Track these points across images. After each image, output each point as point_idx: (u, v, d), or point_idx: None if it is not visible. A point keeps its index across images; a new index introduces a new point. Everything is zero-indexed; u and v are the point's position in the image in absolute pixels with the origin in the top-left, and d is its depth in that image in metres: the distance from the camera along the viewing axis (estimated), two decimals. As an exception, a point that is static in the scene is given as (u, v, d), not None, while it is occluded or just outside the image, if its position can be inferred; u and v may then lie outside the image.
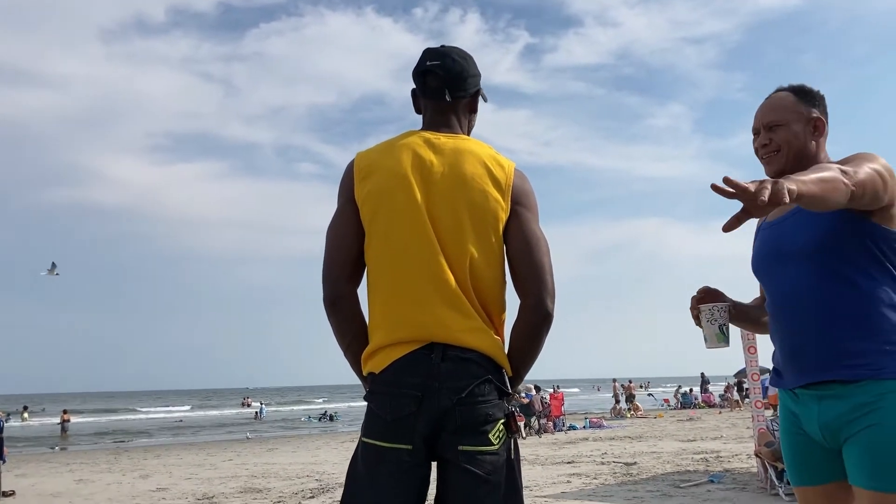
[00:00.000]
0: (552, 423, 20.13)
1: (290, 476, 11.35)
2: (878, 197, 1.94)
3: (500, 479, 1.86)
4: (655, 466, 10.36)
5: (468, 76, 2.11)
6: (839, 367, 1.99)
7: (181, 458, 15.93)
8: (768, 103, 2.24)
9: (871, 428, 1.93)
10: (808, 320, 2.07)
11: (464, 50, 2.16)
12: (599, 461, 11.46)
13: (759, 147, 2.23)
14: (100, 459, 16.60)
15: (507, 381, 1.95)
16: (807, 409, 2.10)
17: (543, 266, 1.99)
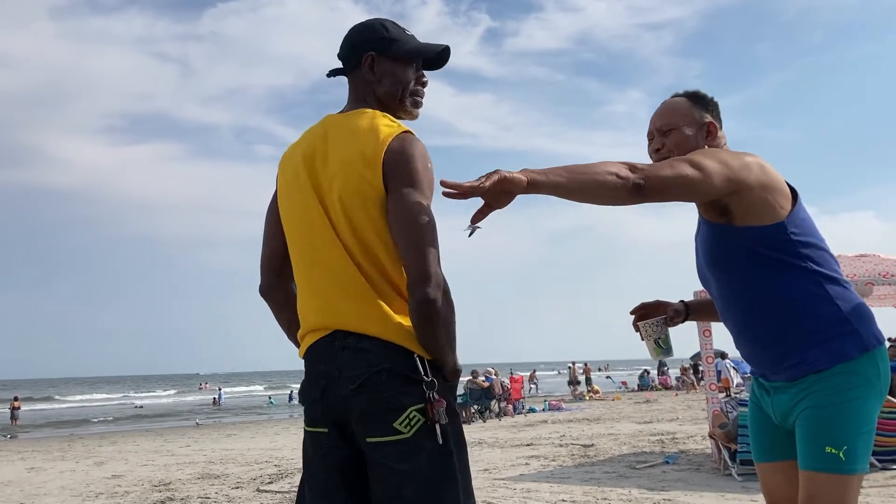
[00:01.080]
0: (512, 406, 20.28)
1: (249, 462, 11.26)
2: (696, 188, 1.96)
3: (418, 467, 1.81)
4: (612, 448, 10.50)
5: (353, 44, 2.12)
6: (783, 369, 2.13)
7: (137, 445, 15.72)
8: (662, 108, 2.30)
9: (805, 411, 2.07)
10: (741, 329, 2.21)
11: (367, 21, 2.16)
12: (558, 443, 11.58)
13: (652, 151, 2.27)
14: (52, 447, 16.29)
15: (425, 365, 1.86)
16: (766, 395, 2.24)
17: (417, 246, 1.85)
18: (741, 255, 2.09)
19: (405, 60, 2.11)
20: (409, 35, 2.15)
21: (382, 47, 2.10)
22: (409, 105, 2.13)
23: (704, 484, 7.10)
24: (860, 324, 2.07)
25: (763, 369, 2.21)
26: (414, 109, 2.16)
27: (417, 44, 2.14)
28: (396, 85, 2.10)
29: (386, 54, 2.09)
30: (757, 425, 2.31)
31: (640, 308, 2.47)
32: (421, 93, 2.16)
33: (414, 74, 2.13)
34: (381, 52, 2.10)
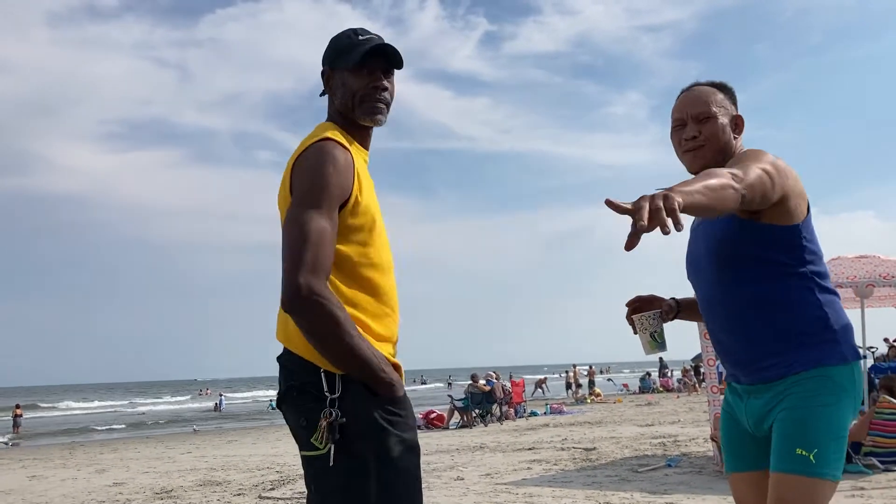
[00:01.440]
0: (514, 410, 20.27)
1: (251, 468, 11.25)
2: (767, 196, 1.96)
3: (324, 486, 1.82)
4: (614, 451, 10.49)
5: (321, 64, 2.15)
6: (759, 370, 2.11)
7: (139, 452, 15.70)
8: (695, 95, 2.21)
9: (781, 412, 2.05)
10: (723, 327, 2.18)
11: (334, 36, 2.15)
12: (560, 447, 11.57)
13: (685, 139, 2.18)
14: (54, 455, 16.27)
15: (333, 380, 1.85)
16: (739, 401, 2.22)
17: (284, 257, 1.85)
18: (751, 250, 2.07)
19: (351, 69, 2.06)
20: (364, 39, 2.07)
21: (332, 60, 2.10)
22: (361, 113, 2.06)
23: (707, 487, 7.08)
24: (843, 335, 2.08)
25: (739, 371, 2.17)
26: (370, 117, 2.07)
27: (361, 48, 2.06)
28: (346, 95, 2.07)
29: (336, 67, 2.09)
30: (729, 435, 2.28)
31: (634, 301, 2.42)
32: (374, 97, 2.06)
33: (365, 80, 2.06)
34: (332, 65, 2.10)
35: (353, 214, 1.93)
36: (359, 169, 1.98)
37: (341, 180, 1.89)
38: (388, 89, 2.09)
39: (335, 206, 1.88)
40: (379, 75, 2.07)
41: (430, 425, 18.24)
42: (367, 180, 2.04)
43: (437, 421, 18.40)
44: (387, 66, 2.09)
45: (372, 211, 1.98)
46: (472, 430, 16.67)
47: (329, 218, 1.87)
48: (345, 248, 1.92)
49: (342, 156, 1.92)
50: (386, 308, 2.01)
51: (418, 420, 18.57)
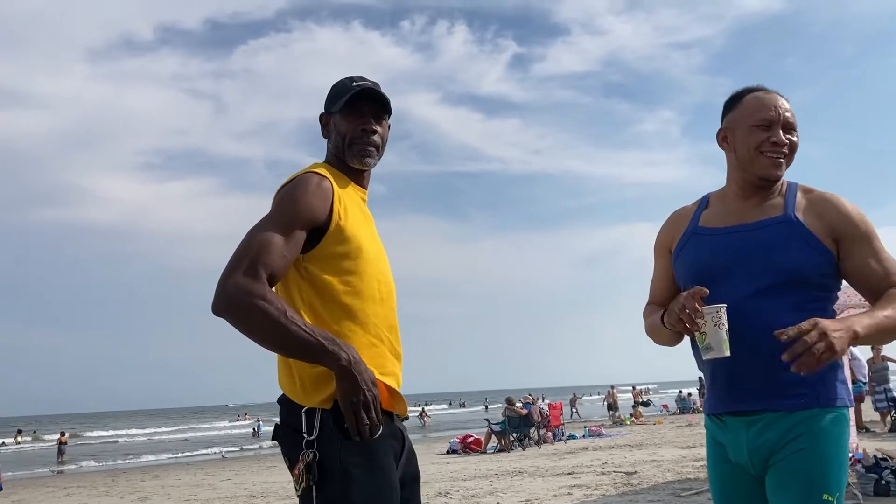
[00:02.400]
0: (552, 434, 20.08)
1: (290, 495, 11.26)
2: None
3: None
4: (656, 475, 10.33)
5: None
6: (777, 397, 1.96)
7: (179, 479, 15.82)
8: (783, 102, 2.08)
9: (801, 453, 1.92)
10: (750, 345, 1.96)
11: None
12: (600, 471, 11.43)
13: (773, 142, 2.04)
14: (97, 482, 16.47)
15: (312, 420, 1.86)
16: (734, 436, 2.05)
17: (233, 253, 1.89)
18: (815, 278, 2.00)
19: (342, 113, 2.11)
20: (356, 85, 2.11)
21: (328, 105, 2.18)
22: (350, 156, 2.11)
23: (752, 511, 6.94)
24: (846, 377, 2.09)
25: (750, 396, 1.99)
26: (359, 159, 2.12)
27: (351, 93, 2.10)
28: (338, 139, 2.13)
29: (331, 111, 2.16)
30: (721, 475, 2.13)
31: (698, 292, 1.95)
32: (363, 141, 2.11)
33: (354, 124, 2.10)
34: (328, 110, 2.18)
35: (335, 241, 1.95)
36: (346, 200, 2.02)
37: (312, 201, 1.92)
38: (378, 132, 2.13)
39: (298, 224, 1.89)
40: (368, 119, 2.11)
41: (468, 449, 18.13)
42: (358, 214, 2.07)
43: (475, 445, 18.28)
44: (377, 111, 2.13)
45: (358, 239, 1.99)
46: (509, 455, 16.54)
47: (284, 232, 1.87)
48: (328, 275, 1.94)
49: (317, 181, 1.97)
50: (372, 338, 1.99)
51: (455, 444, 18.49)
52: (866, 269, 2.01)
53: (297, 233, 1.89)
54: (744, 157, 2.07)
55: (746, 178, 2.10)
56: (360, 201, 2.13)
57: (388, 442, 1.93)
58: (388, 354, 2.04)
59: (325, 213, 1.93)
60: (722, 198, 2.19)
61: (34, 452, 33.46)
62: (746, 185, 2.10)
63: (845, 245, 2.02)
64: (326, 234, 1.94)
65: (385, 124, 2.17)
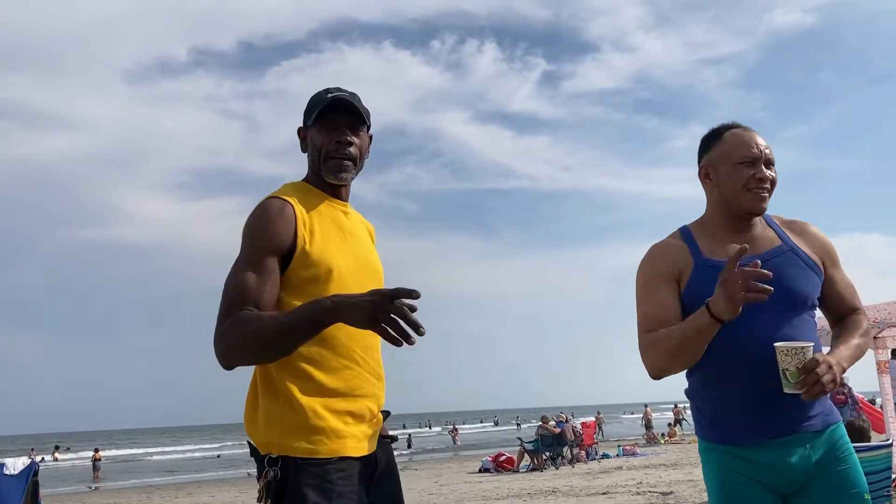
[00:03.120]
0: (585, 452, 19.87)
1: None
2: None
3: None
4: (693, 496, 10.17)
5: None
6: (809, 418, 2.09)
7: (213, 497, 15.90)
8: (763, 140, 2.20)
9: (845, 462, 2.09)
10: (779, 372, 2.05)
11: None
12: (635, 491, 11.27)
13: (758, 178, 2.14)
14: (132, 499, 16.64)
15: (259, 449, 1.89)
16: (773, 459, 2.07)
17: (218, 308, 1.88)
18: (815, 296, 2.18)
19: (316, 125, 2.04)
20: (330, 96, 2.04)
21: (305, 119, 2.11)
22: (325, 171, 2.04)
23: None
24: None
25: (782, 420, 2.06)
26: (334, 175, 2.04)
27: (324, 104, 2.03)
28: (314, 153, 2.06)
29: (307, 125, 2.09)
30: (746, 497, 2.09)
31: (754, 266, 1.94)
32: (338, 154, 2.03)
33: (328, 136, 2.03)
34: (304, 123, 2.11)
35: (301, 266, 1.91)
36: (314, 222, 1.96)
37: (274, 228, 1.89)
38: (355, 143, 2.04)
39: (265, 254, 1.87)
40: (343, 130, 2.02)
41: (500, 468, 18.00)
42: (331, 232, 2.00)
43: (507, 464, 18.15)
44: (352, 122, 2.04)
45: (327, 262, 1.93)
46: (542, 474, 16.40)
47: (255, 267, 1.85)
48: (297, 300, 1.88)
49: (277, 207, 1.92)
50: (343, 360, 1.94)
51: (488, 463, 18.37)
52: (837, 293, 2.23)
53: (267, 261, 1.86)
54: (730, 193, 2.17)
55: (733, 212, 2.19)
56: (338, 216, 2.05)
57: (353, 467, 1.90)
58: (364, 375, 1.98)
59: (289, 238, 1.90)
60: (708, 231, 2.24)
61: (70, 468, 33.87)
62: (733, 220, 2.20)
63: (826, 270, 2.22)
64: (292, 260, 1.90)
65: (363, 135, 2.08)
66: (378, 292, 1.64)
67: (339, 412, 1.90)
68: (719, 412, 2.14)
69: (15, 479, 9.41)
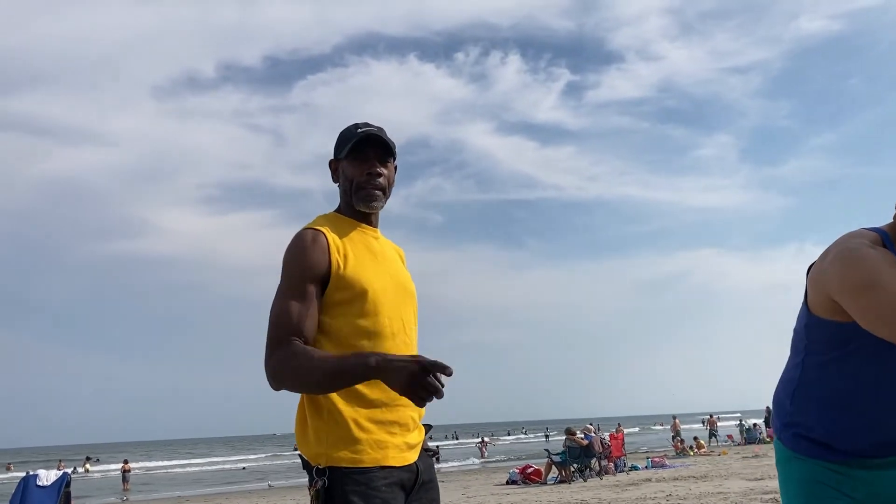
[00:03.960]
0: (613, 464, 19.70)
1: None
2: None
3: None
4: (723, 508, 10.03)
5: None
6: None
7: (241, 508, 15.98)
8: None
9: None
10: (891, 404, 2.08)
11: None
12: (664, 503, 11.15)
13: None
14: (162, 510, 16.75)
15: (310, 461, 1.98)
16: (877, 476, 2.09)
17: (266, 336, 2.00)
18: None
19: (348, 158, 2.18)
20: (360, 131, 2.18)
21: (336, 152, 2.25)
22: (357, 200, 2.17)
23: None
24: None
25: (888, 444, 2.07)
26: (366, 204, 2.18)
27: (355, 138, 2.17)
28: (345, 184, 2.20)
29: (338, 157, 2.23)
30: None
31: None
32: (370, 185, 2.16)
33: (360, 168, 2.17)
34: (336, 156, 2.25)
35: (337, 288, 2.04)
36: (347, 247, 2.10)
37: (311, 257, 2.03)
38: (384, 174, 2.19)
39: (304, 280, 2.01)
40: (374, 163, 2.17)
41: (528, 480, 17.91)
42: (364, 255, 2.13)
43: (535, 476, 18.05)
44: (381, 154, 2.19)
45: (361, 283, 2.06)
46: (570, 486, 16.28)
47: (296, 295, 2.00)
48: (335, 320, 2.03)
49: (311, 237, 2.06)
50: None
51: (515, 475, 18.28)
52: None
53: (308, 288, 2.01)
54: None
55: None
56: (369, 241, 2.20)
57: (395, 475, 2.00)
58: None
59: (324, 264, 2.03)
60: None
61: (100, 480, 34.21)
62: None
63: None
64: (329, 284, 2.04)
65: (390, 166, 2.23)
66: (418, 362, 1.77)
67: (382, 422, 2.01)
68: (836, 429, 2.10)
69: (47, 490, 9.54)
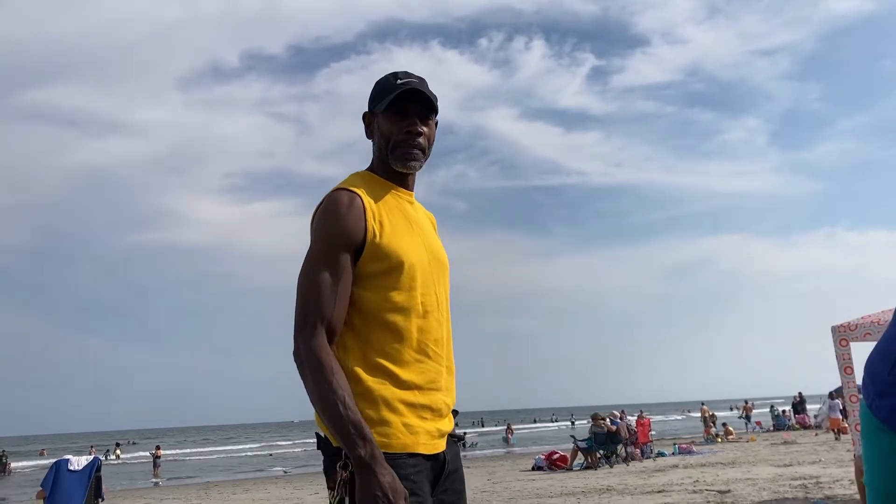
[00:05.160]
0: (640, 451, 19.62)
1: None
2: None
3: None
4: (751, 494, 9.94)
5: None
6: None
7: (268, 493, 16.16)
8: None
9: None
10: None
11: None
12: (691, 489, 11.08)
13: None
14: (191, 494, 16.99)
15: (332, 441, 1.82)
16: None
17: (295, 299, 1.85)
18: None
19: (386, 114, 1.99)
20: (400, 83, 1.98)
21: (371, 105, 2.06)
22: (394, 160, 1.99)
23: (858, 534, 6.59)
24: None
25: None
26: (403, 163, 1.99)
27: (395, 92, 1.97)
28: (382, 141, 2.01)
29: (374, 112, 2.04)
30: None
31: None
32: (408, 144, 1.98)
33: (399, 125, 1.98)
34: (371, 110, 2.06)
35: (372, 259, 1.88)
36: (383, 213, 1.93)
37: (346, 224, 1.86)
38: (424, 133, 2.00)
39: (339, 250, 1.85)
40: (413, 120, 1.98)
41: (553, 466, 17.90)
42: (400, 222, 1.97)
43: (561, 462, 18.03)
44: (423, 111, 2.00)
45: (397, 254, 1.90)
46: (596, 472, 16.23)
47: (330, 266, 1.84)
48: (367, 292, 1.88)
49: (347, 201, 1.89)
50: (416, 354, 1.91)
51: (541, 460, 18.27)
52: None
53: (341, 260, 1.85)
54: None
55: None
56: (404, 207, 2.02)
57: (423, 463, 1.87)
58: (438, 368, 1.96)
59: (360, 231, 1.87)
60: None
61: (131, 465, 34.76)
62: None
63: None
64: (363, 253, 1.88)
65: (431, 124, 2.03)
66: (395, 494, 1.67)
67: (414, 406, 1.87)
68: None
69: (79, 475, 9.70)
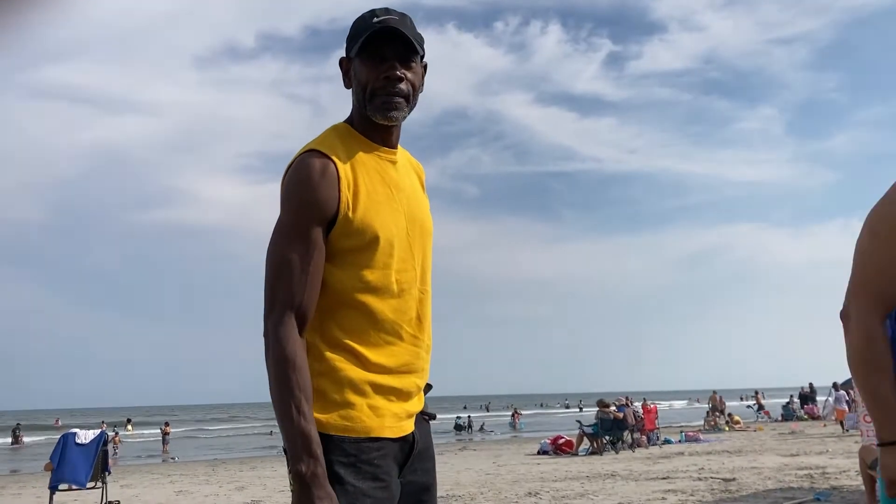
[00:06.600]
0: (646, 437, 19.63)
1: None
2: None
3: None
4: (756, 483, 9.92)
5: None
6: None
7: (275, 470, 16.24)
8: None
9: None
10: None
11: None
12: (696, 477, 11.07)
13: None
14: (199, 471, 17.11)
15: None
16: None
17: (264, 280, 1.69)
18: None
19: (360, 56, 1.74)
20: (377, 21, 1.73)
21: (347, 47, 1.81)
22: (372, 110, 1.76)
23: (862, 524, 6.56)
24: None
25: None
26: (383, 114, 1.75)
27: (369, 32, 1.72)
28: (359, 90, 1.77)
29: (350, 56, 1.80)
30: None
31: None
32: (387, 90, 1.73)
33: (377, 70, 1.73)
34: (348, 53, 1.81)
35: (344, 235, 1.71)
36: (358, 180, 1.74)
37: (318, 196, 1.68)
38: (406, 79, 1.75)
39: (310, 223, 1.68)
40: (393, 64, 1.73)
41: (559, 451, 17.93)
42: (377, 190, 1.78)
43: (566, 447, 18.06)
44: (403, 52, 1.74)
45: (372, 229, 1.73)
46: (602, 458, 16.25)
47: (300, 242, 1.68)
48: (338, 270, 1.73)
49: (319, 168, 1.69)
50: (387, 336, 1.78)
51: (546, 445, 18.31)
52: None
53: (312, 234, 1.68)
54: None
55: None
56: (385, 169, 1.81)
57: (389, 446, 1.77)
58: (411, 350, 1.83)
59: (333, 203, 1.69)
60: None
61: (140, 442, 35.09)
62: None
63: None
64: (334, 227, 1.70)
65: (416, 67, 1.78)
66: None
67: (382, 388, 1.76)
68: None
69: (85, 448, 9.80)
